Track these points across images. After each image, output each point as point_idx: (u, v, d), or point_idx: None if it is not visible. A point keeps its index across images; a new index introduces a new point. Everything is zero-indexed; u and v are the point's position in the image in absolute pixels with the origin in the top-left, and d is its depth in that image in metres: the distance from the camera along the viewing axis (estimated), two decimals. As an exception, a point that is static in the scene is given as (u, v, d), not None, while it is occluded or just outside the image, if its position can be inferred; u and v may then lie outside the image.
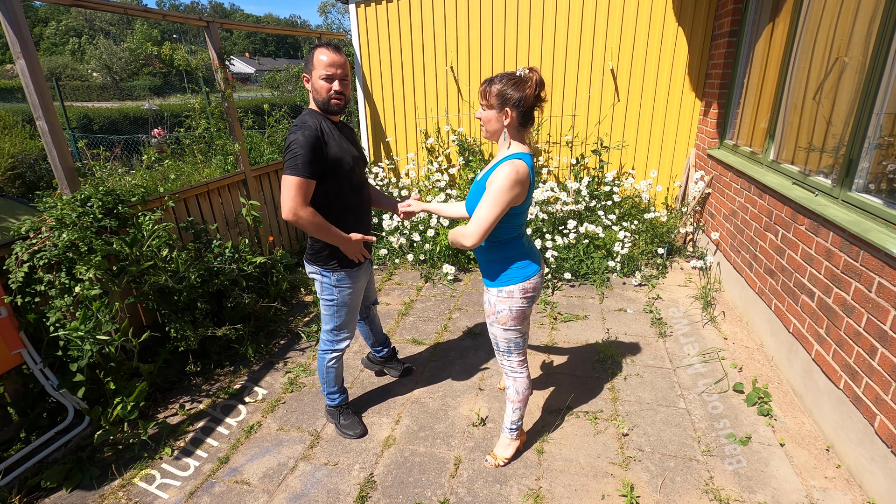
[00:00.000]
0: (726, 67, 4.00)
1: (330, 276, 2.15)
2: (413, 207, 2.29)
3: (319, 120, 1.95)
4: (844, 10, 2.56)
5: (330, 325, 2.28)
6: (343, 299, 2.21)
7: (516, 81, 1.72)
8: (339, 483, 2.18)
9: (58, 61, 37.01)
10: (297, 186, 1.85)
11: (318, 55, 1.91)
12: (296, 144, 1.84)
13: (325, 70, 1.91)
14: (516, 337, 2.01)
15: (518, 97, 1.71)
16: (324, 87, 1.93)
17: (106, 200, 2.55)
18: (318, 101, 1.97)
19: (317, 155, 1.87)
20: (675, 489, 2.10)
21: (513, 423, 2.20)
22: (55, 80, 11.71)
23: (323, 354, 2.36)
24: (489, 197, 1.71)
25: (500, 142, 1.83)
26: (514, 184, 1.70)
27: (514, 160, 1.72)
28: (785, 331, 2.79)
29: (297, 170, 1.84)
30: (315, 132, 1.88)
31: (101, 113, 16.28)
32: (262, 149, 4.58)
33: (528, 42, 4.70)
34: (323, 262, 2.12)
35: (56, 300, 2.32)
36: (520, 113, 1.75)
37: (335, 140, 1.97)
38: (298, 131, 1.87)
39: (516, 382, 2.12)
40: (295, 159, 1.84)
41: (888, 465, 1.91)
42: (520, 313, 1.94)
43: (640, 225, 4.49)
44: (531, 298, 1.95)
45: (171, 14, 3.37)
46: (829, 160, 2.65)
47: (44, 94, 2.38)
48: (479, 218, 1.73)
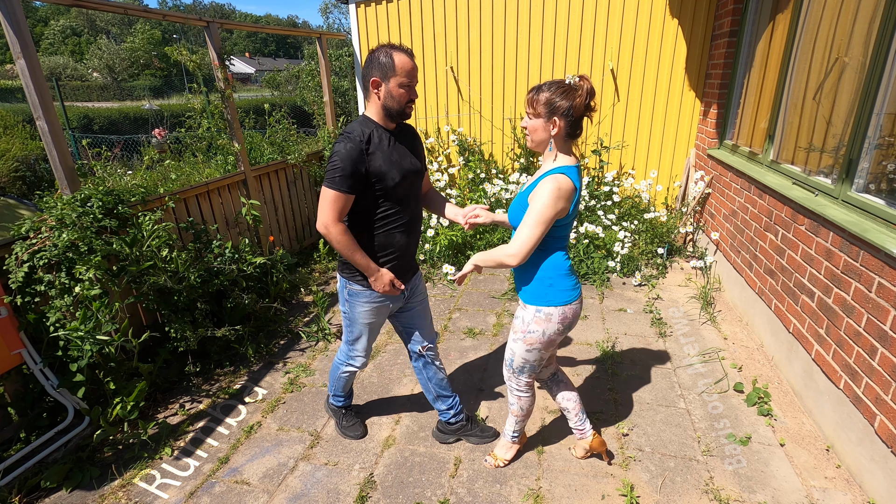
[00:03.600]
0: (726, 67, 4.00)
1: (344, 287, 2.04)
2: (482, 219, 2.05)
3: (372, 129, 1.83)
4: (844, 11, 2.56)
5: (345, 338, 2.20)
6: (354, 315, 2.07)
7: (566, 90, 1.64)
8: (339, 483, 2.18)
9: (58, 61, 36.99)
10: (333, 200, 1.78)
11: (401, 60, 1.77)
12: (337, 156, 1.76)
13: (406, 77, 1.78)
14: (535, 360, 1.91)
15: (567, 106, 1.64)
16: (403, 95, 1.80)
17: (106, 200, 2.55)
18: (392, 107, 1.82)
19: (356, 168, 1.76)
20: (675, 489, 2.10)
21: (514, 431, 2.19)
22: (55, 80, 11.72)
23: (338, 363, 2.29)
24: (532, 215, 1.65)
25: (545, 152, 1.75)
26: (556, 199, 1.63)
27: (556, 175, 1.65)
28: (785, 331, 2.79)
29: (335, 183, 1.76)
30: (360, 144, 1.77)
31: (101, 113, 16.29)
32: (262, 149, 4.58)
33: (528, 42, 4.71)
34: (342, 269, 2.03)
35: (56, 300, 2.32)
36: (568, 123, 1.66)
37: (384, 152, 1.83)
38: (343, 142, 1.77)
39: (521, 401, 2.06)
40: (334, 171, 1.76)
41: (888, 465, 1.90)
42: (552, 339, 1.85)
43: (640, 225, 4.49)
44: (569, 325, 1.85)
45: (171, 14, 3.37)
46: (829, 160, 2.65)
47: (44, 94, 2.38)
48: (523, 237, 1.65)
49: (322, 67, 4.94)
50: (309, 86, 6.16)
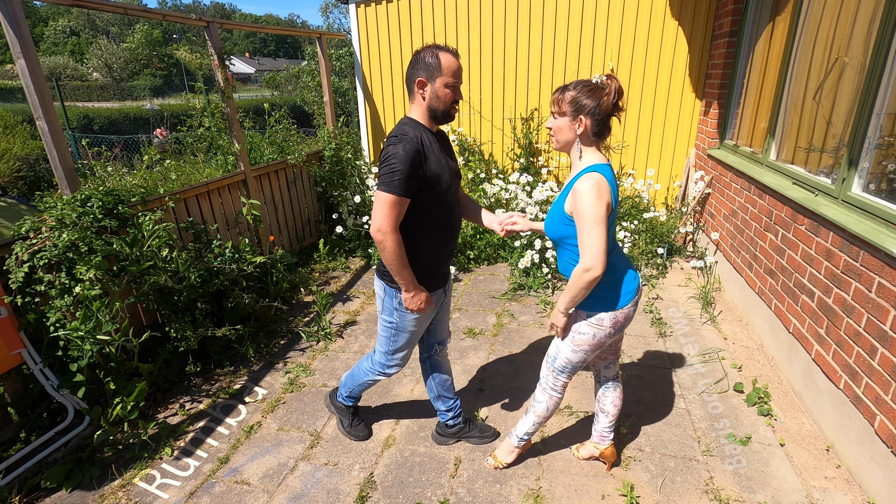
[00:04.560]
0: (726, 67, 4.00)
1: (393, 297, 1.94)
2: (519, 226, 2.01)
3: (421, 132, 1.77)
4: (844, 11, 2.56)
5: (384, 348, 2.10)
6: (403, 324, 2.00)
7: (592, 88, 1.61)
8: (339, 483, 2.18)
9: (58, 61, 36.99)
10: (391, 205, 1.69)
11: (447, 61, 1.72)
12: (395, 159, 1.67)
13: (453, 78, 1.74)
14: (579, 362, 1.86)
15: (593, 105, 1.60)
16: (449, 96, 1.76)
17: (106, 200, 2.55)
18: (437, 108, 1.78)
19: (415, 171, 1.70)
20: (675, 489, 2.10)
21: (526, 433, 2.12)
22: (55, 80, 11.72)
23: (369, 370, 2.21)
24: (584, 221, 1.56)
25: (571, 153, 1.71)
26: (599, 195, 1.56)
27: (590, 173, 1.59)
28: (785, 331, 2.79)
29: (393, 187, 1.67)
30: (417, 146, 1.70)
31: (101, 113, 16.30)
32: (262, 149, 4.58)
33: (528, 42, 4.71)
34: (390, 279, 1.91)
35: (56, 300, 2.32)
36: (595, 121, 1.62)
37: (435, 155, 1.78)
38: (399, 144, 1.69)
39: (550, 400, 2.00)
40: (392, 175, 1.67)
41: (888, 465, 1.91)
42: (600, 342, 1.80)
43: (640, 225, 4.49)
44: (620, 328, 1.80)
45: (171, 14, 3.37)
46: (829, 160, 2.65)
47: (44, 94, 2.38)
48: (589, 244, 1.56)
49: (322, 67, 4.93)
50: (309, 86, 6.16)
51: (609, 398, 2.12)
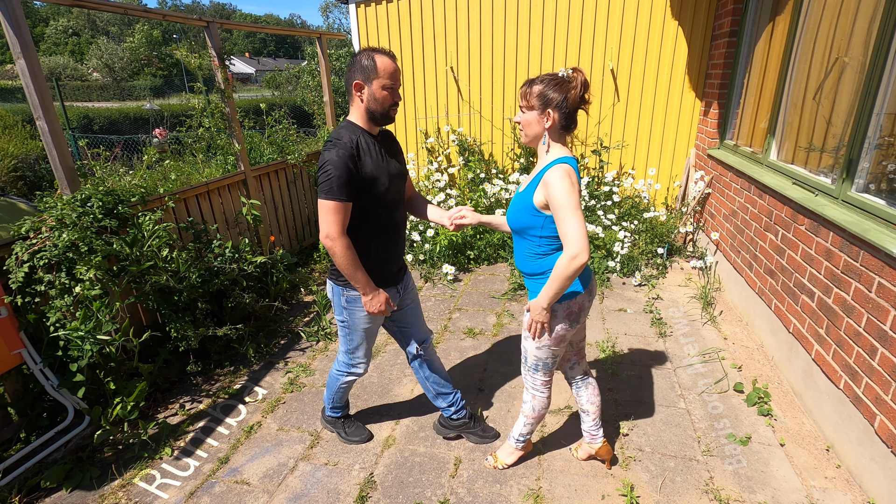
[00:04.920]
0: (726, 67, 4.00)
1: (340, 294, 1.97)
2: (468, 220, 2.02)
3: (358, 135, 1.80)
4: (844, 11, 2.56)
5: (344, 348, 2.15)
6: (353, 322, 2.03)
7: (559, 82, 1.62)
8: (339, 483, 2.18)
9: (58, 61, 36.99)
10: (334, 211, 1.72)
11: (383, 63, 1.75)
12: (329, 165, 1.70)
13: (390, 80, 1.76)
14: (547, 357, 1.87)
15: (561, 98, 1.62)
16: (386, 98, 1.78)
17: (106, 200, 2.55)
18: (375, 110, 1.80)
19: (351, 175, 1.72)
20: (675, 489, 2.10)
21: (521, 435, 2.14)
22: (55, 80, 11.72)
23: (338, 375, 2.24)
24: (562, 208, 1.56)
25: (539, 147, 1.72)
26: (572, 184, 1.57)
27: (560, 164, 1.60)
28: (785, 331, 2.79)
29: (332, 193, 1.71)
30: (350, 150, 1.73)
31: (101, 113, 16.30)
32: (262, 149, 4.58)
33: (528, 42, 4.71)
34: (336, 277, 1.97)
35: (56, 300, 2.32)
36: (562, 115, 1.64)
37: (372, 157, 1.81)
38: (333, 149, 1.71)
39: (535, 400, 2.01)
40: (329, 182, 1.70)
41: (888, 465, 1.91)
42: (560, 335, 1.80)
43: (640, 225, 4.49)
44: (575, 319, 1.80)
45: (171, 14, 3.37)
46: (829, 160, 2.65)
47: (44, 94, 2.38)
48: (570, 231, 1.55)
49: (322, 67, 4.94)
50: (309, 86, 6.16)
51: (584, 397, 2.11)
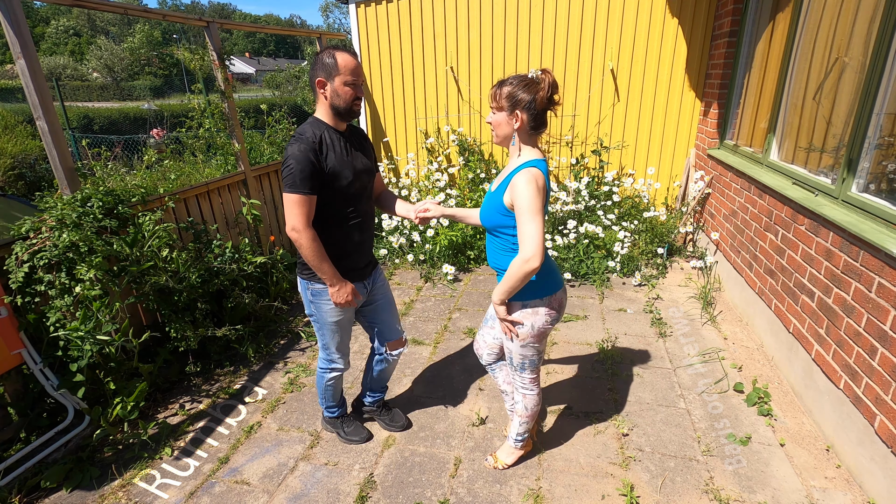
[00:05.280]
0: (726, 67, 4.00)
1: (306, 288, 2.01)
2: (432, 213, 2.07)
3: (322, 130, 1.85)
4: (844, 11, 2.56)
5: (320, 344, 2.19)
6: (321, 316, 2.05)
7: (528, 83, 1.65)
8: (339, 483, 2.18)
9: (58, 61, 36.99)
10: (298, 203, 1.77)
11: (343, 60, 1.79)
12: (292, 159, 1.75)
13: (351, 76, 1.81)
14: (533, 355, 1.92)
15: (529, 99, 1.64)
16: (349, 93, 1.82)
17: (106, 201, 2.55)
18: (339, 106, 1.84)
19: (314, 168, 1.77)
20: (675, 489, 2.10)
21: (518, 434, 2.16)
22: (55, 80, 11.71)
23: (322, 373, 2.27)
24: (523, 212, 1.60)
25: (510, 147, 1.75)
26: (537, 189, 1.61)
27: (528, 168, 1.64)
28: (785, 331, 2.79)
29: (296, 186, 1.76)
30: (312, 144, 1.78)
31: (101, 113, 16.31)
32: (262, 149, 4.58)
33: (528, 42, 4.70)
34: (301, 270, 2.01)
35: (56, 300, 2.32)
36: (531, 116, 1.67)
37: (336, 152, 1.85)
38: (295, 144, 1.77)
39: (526, 399, 2.04)
40: (292, 176, 1.75)
41: (888, 465, 1.91)
42: (541, 331, 1.84)
43: (640, 225, 4.49)
44: (556, 316, 1.86)
45: (171, 14, 3.37)
46: (829, 160, 2.65)
47: (44, 94, 2.38)
48: (528, 234, 1.60)
49: (322, 67, 4.93)
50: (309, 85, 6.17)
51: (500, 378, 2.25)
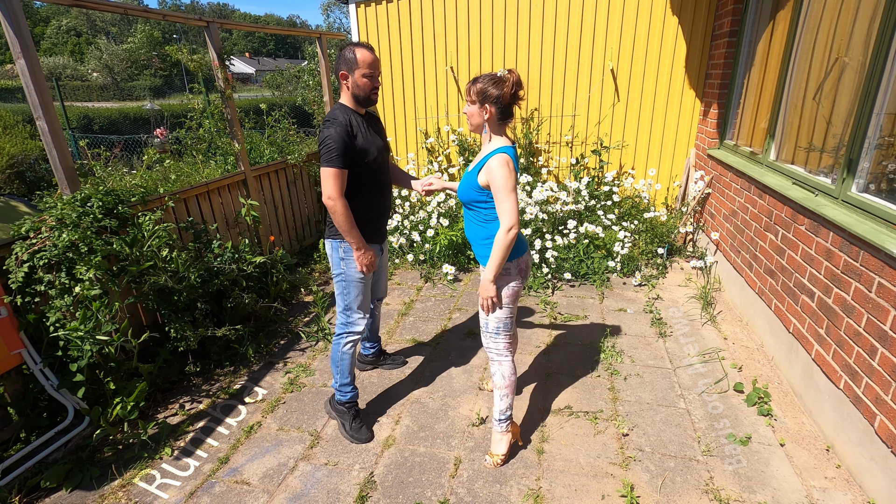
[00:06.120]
0: (726, 67, 4.00)
1: (338, 248, 2.29)
2: (435, 185, 2.41)
3: (349, 115, 2.17)
4: (844, 11, 2.56)
5: (342, 305, 2.38)
6: (350, 273, 2.31)
7: (496, 81, 1.92)
8: (339, 483, 2.18)
9: (58, 61, 36.97)
10: (335, 176, 2.09)
11: (362, 55, 2.11)
12: (330, 139, 2.07)
13: (369, 69, 2.13)
14: (507, 317, 2.12)
15: (497, 94, 1.91)
16: (367, 84, 2.15)
17: (106, 200, 2.55)
18: (359, 95, 2.18)
19: (347, 147, 2.10)
20: (675, 489, 2.10)
21: (502, 412, 2.22)
22: (55, 80, 11.71)
23: (338, 339, 2.41)
24: (501, 190, 1.88)
25: (483, 135, 2.04)
26: (510, 171, 1.89)
27: (499, 154, 1.92)
28: (785, 331, 2.79)
29: (333, 161, 2.07)
30: (345, 127, 2.10)
31: (101, 113, 16.31)
32: (261, 149, 4.58)
33: (528, 42, 4.70)
34: (333, 234, 2.29)
35: (56, 300, 2.32)
36: (498, 109, 1.95)
37: (362, 133, 2.19)
38: (332, 127, 2.09)
39: (502, 367, 2.19)
40: (330, 152, 2.07)
41: (888, 465, 1.90)
42: (514, 291, 2.09)
43: (640, 225, 4.48)
44: (524, 275, 2.13)
45: (171, 14, 3.37)
46: (830, 160, 2.65)
47: (44, 94, 2.38)
48: (506, 209, 1.88)
49: (322, 67, 4.93)
50: (309, 85, 6.16)
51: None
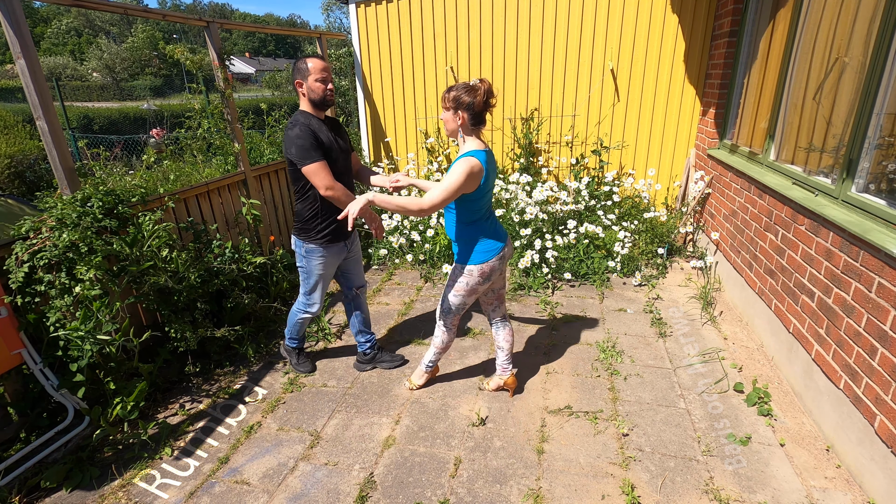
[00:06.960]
0: (726, 67, 4.00)
1: (301, 246, 2.55)
2: (402, 182, 2.53)
3: (309, 119, 2.34)
4: (844, 11, 2.56)
5: (302, 290, 2.70)
6: (311, 268, 2.59)
7: (469, 89, 2.06)
8: (339, 483, 2.18)
9: (58, 61, 36.96)
10: (320, 168, 2.26)
11: (314, 63, 2.31)
12: (299, 139, 2.22)
13: (319, 74, 2.32)
14: (461, 304, 2.40)
15: (469, 101, 2.05)
16: (320, 87, 2.33)
17: (106, 201, 2.55)
18: (315, 99, 2.34)
19: (315, 142, 2.26)
20: (675, 489, 2.10)
21: (430, 362, 2.69)
22: (55, 80, 11.71)
23: (296, 311, 2.78)
24: (444, 184, 2.03)
25: (458, 139, 2.18)
26: (467, 177, 2.01)
27: (469, 157, 2.05)
28: (785, 331, 2.79)
29: (311, 156, 2.24)
30: (307, 126, 2.27)
31: (101, 113, 16.29)
32: (262, 149, 4.58)
33: (528, 42, 4.71)
34: (298, 233, 2.54)
35: (56, 300, 2.32)
36: (471, 115, 2.09)
37: (324, 134, 2.35)
38: (294, 128, 2.25)
39: (445, 335, 2.56)
40: (304, 149, 2.22)
41: (888, 465, 1.91)
42: (473, 288, 2.35)
43: (640, 225, 4.49)
44: (487, 277, 2.33)
45: (171, 14, 3.37)
46: (829, 160, 2.65)
47: (44, 94, 2.38)
48: (433, 198, 2.02)
49: (322, 67, 4.93)
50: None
51: (501, 335, 2.64)
